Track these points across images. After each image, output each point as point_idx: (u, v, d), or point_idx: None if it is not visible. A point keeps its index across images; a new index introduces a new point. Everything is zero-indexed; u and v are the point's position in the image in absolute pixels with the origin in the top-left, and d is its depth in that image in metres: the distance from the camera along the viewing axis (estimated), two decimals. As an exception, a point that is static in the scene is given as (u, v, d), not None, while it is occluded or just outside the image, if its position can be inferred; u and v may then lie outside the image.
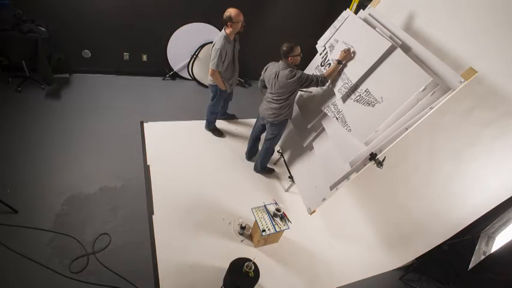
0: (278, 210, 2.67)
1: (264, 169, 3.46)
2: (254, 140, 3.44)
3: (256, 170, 3.47)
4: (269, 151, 3.28)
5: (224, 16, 2.86)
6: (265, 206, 2.73)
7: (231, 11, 2.84)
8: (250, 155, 3.56)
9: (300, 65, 2.72)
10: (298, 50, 2.59)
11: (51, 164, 2.89)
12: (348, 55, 2.49)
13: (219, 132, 3.80)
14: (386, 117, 2.09)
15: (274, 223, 2.62)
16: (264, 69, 2.86)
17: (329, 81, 2.62)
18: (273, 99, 2.82)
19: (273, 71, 2.70)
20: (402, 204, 2.89)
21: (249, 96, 4.77)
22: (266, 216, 2.65)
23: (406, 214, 2.86)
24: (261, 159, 3.36)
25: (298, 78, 2.57)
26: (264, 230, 2.55)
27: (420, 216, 2.72)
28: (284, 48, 2.58)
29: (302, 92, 3.13)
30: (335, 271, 2.79)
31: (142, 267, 2.39)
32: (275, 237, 2.75)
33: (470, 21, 2.18)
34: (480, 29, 2.12)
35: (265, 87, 2.93)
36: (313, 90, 2.97)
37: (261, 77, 2.92)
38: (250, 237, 2.82)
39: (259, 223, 2.58)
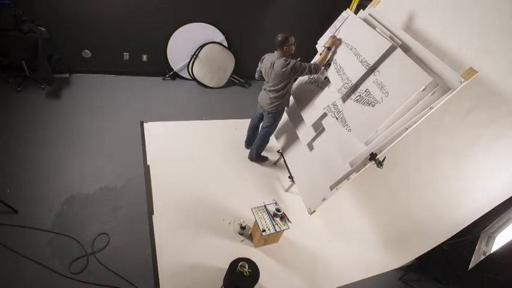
0: (278, 210, 2.67)
1: (259, 157, 3.57)
2: (253, 129, 3.53)
3: (251, 158, 3.59)
4: (265, 139, 3.39)
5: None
6: (265, 206, 2.73)
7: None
8: (249, 143, 3.64)
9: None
10: (292, 39, 2.69)
11: (51, 164, 2.89)
12: (335, 41, 2.66)
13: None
14: (386, 117, 2.09)
15: (274, 223, 2.62)
16: (261, 60, 2.95)
17: (322, 68, 2.76)
18: (270, 89, 2.92)
19: (269, 61, 2.80)
20: (402, 204, 2.89)
21: (249, 96, 4.77)
22: (266, 216, 2.66)
23: (406, 214, 2.86)
24: (257, 147, 3.46)
25: (292, 66, 2.66)
26: (264, 230, 2.55)
27: (420, 216, 2.72)
28: (279, 38, 2.67)
29: (302, 91, 3.13)
30: (335, 271, 2.79)
31: (142, 267, 2.39)
32: (275, 237, 2.75)
33: (470, 21, 2.19)
34: (480, 29, 2.12)
35: (262, 78, 3.02)
36: (314, 90, 2.97)
37: (258, 68, 3.02)
38: (250, 237, 2.82)
39: (259, 223, 2.58)
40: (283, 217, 2.68)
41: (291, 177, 3.23)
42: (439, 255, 2.77)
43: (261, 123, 3.35)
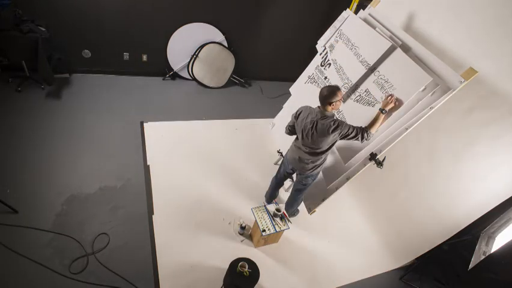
0: (278, 210, 2.67)
1: (294, 214, 3.10)
2: (277, 186, 3.02)
3: (288, 213, 2.97)
4: (300, 200, 2.91)
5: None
6: (265, 206, 2.73)
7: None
8: (271, 198, 3.10)
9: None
10: (340, 94, 2.14)
11: (51, 164, 2.89)
12: (392, 102, 2.09)
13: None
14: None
15: (274, 223, 2.62)
16: (295, 115, 2.39)
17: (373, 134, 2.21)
18: (310, 151, 2.37)
19: (309, 119, 2.23)
20: (402, 204, 2.89)
21: (249, 96, 4.78)
22: (266, 216, 2.65)
23: (406, 214, 2.86)
24: (293, 209, 3.02)
25: (340, 131, 2.13)
26: (264, 230, 2.55)
27: (420, 216, 2.72)
28: (325, 93, 2.12)
29: (302, 91, 3.13)
30: (334, 271, 2.79)
31: (142, 267, 2.39)
32: (275, 237, 2.75)
33: (470, 21, 2.19)
34: (480, 29, 2.12)
35: (293, 133, 2.51)
36: (313, 90, 2.97)
37: (290, 123, 2.48)
38: (250, 237, 2.82)
39: (259, 223, 2.58)
40: (283, 217, 2.68)
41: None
42: (439, 255, 2.77)
43: (294, 184, 2.84)
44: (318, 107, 2.21)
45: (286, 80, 4.33)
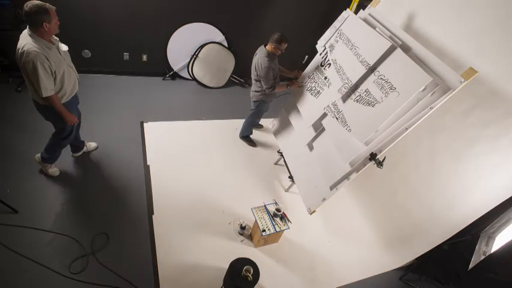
0: (278, 210, 2.67)
1: (245, 138, 3.85)
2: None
3: (239, 135, 3.88)
4: (248, 123, 3.69)
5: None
6: (265, 206, 2.73)
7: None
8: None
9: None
10: (284, 45, 2.89)
11: (51, 164, 2.89)
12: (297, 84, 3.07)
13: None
14: (386, 117, 2.09)
15: (274, 223, 2.62)
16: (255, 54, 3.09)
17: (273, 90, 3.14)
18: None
19: (257, 55, 3.01)
20: (402, 204, 2.89)
21: (249, 97, 4.76)
22: (266, 216, 2.66)
23: (406, 214, 2.86)
24: (242, 129, 3.80)
25: (263, 72, 2.96)
26: (264, 230, 2.55)
27: (420, 216, 2.72)
28: (276, 36, 2.87)
29: (302, 91, 3.13)
30: (335, 271, 2.79)
31: (142, 267, 2.39)
32: (275, 237, 2.75)
33: (470, 21, 2.18)
34: (480, 29, 2.12)
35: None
36: (313, 90, 2.97)
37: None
38: (250, 237, 2.82)
39: (259, 223, 2.58)
40: (283, 217, 2.68)
41: (291, 177, 3.23)
42: (439, 255, 2.77)
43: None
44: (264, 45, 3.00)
45: (286, 80, 4.32)
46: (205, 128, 3.92)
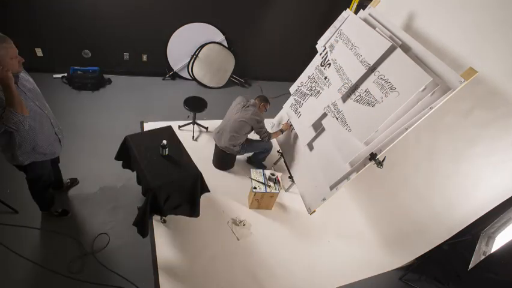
0: (273, 174, 2.92)
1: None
2: None
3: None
4: (258, 160, 3.57)
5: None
6: (263, 170, 3.05)
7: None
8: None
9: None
10: (269, 105, 3.19)
11: (51, 164, 2.89)
12: (288, 126, 3.19)
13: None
14: (386, 117, 2.09)
15: (266, 184, 2.87)
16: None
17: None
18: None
19: (241, 104, 3.11)
20: (402, 204, 2.89)
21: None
22: (261, 178, 2.92)
23: (406, 214, 2.86)
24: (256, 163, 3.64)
25: (262, 124, 3.05)
26: (255, 188, 2.78)
27: (420, 216, 2.72)
28: (263, 96, 3.20)
29: (302, 91, 3.13)
30: (335, 271, 2.79)
31: (142, 267, 2.39)
32: (268, 202, 2.94)
33: (470, 21, 2.18)
34: (480, 29, 2.12)
35: None
36: (313, 90, 2.97)
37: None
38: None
39: (253, 182, 2.81)
40: (276, 182, 2.89)
41: (291, 177, 3.23)
42: (439, 255, 2.77)
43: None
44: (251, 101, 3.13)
45: (287, 80, 4.33)
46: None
